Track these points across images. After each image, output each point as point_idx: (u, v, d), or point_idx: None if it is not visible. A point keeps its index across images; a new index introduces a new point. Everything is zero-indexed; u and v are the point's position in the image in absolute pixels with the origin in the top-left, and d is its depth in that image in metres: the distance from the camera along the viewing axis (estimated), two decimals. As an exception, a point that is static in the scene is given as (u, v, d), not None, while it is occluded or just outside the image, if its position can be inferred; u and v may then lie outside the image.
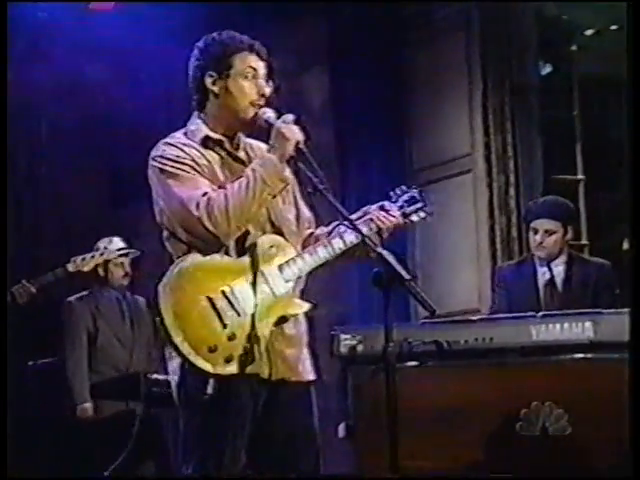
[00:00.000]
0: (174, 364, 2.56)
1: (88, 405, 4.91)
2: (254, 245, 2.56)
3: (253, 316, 2.50)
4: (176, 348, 2.46)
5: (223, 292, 2.50)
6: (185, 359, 2.46)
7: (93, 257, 4.54)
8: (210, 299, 2.49)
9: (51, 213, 6.75)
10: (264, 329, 2.52)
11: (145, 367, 5.06)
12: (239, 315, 2.49)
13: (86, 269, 4.50)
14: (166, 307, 2.46)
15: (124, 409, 4.97)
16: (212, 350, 2.45)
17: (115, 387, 5.00)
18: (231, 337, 2.47)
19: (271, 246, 2.58)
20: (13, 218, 6.10)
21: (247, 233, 2.57)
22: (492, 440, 3.56)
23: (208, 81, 2.63)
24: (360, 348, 3.67)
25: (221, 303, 2.49)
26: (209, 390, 2.44)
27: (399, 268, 2.45)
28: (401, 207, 2.79)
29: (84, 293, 5.13)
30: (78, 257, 4.51)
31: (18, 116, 6.11)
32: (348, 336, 3.68)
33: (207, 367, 2.45)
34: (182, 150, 2.59)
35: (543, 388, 3.57)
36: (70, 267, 4.48)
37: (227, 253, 2.55)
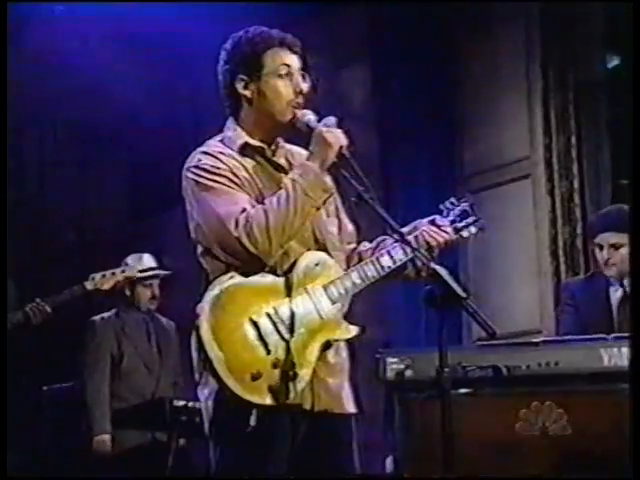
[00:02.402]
0: (206, 391, 2.55)
1: (107, 437, 4.90)
2: (299, 263, 2.55)
3: (299, 341, 2.49)
4: (216, 375, 2.45)
5: (268, 314, 2.49)
6: (225, 387, 2.45)
7: (114, 274, 4.55)
8: (254, 322, 2.48)
9: (66, 226, 6.79)
10: (310, 355, 2.51)
11: (170, 394, 5.06)
12: (284, 339, 2.48)
13: (106, 287, 4.52)
14: (206, 331, 2.45)
15: (149, 439, 4.97)
16: (255, 378, 2.43)
17: (139, 415, 4.99)
18: (275, 364, 2.46)
19: (316, 264, 2.58)
20: (26, 232, 6.14)
21: (291, 250, 2.56)
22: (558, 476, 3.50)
23: (239, 86, 2.63)
24: (408, 373, 3.63)
25: (265, 326, 2.49)
26: (252, 422, 2.42)
27: (455, 286, 2.42)
28: (453, 222, 2.79)
29: (109, 313, 5.15)
30: (97, 274, 4.52)
31: (29, 120, 6.16)
32: (395, 360, 3.63)
33: (249, 397, 2.44)
34: (219, 160, 2.59)
35: (615, 420, 3.50)
36: (88, 285, 4.50)
37: (272, 271, 2.54)
